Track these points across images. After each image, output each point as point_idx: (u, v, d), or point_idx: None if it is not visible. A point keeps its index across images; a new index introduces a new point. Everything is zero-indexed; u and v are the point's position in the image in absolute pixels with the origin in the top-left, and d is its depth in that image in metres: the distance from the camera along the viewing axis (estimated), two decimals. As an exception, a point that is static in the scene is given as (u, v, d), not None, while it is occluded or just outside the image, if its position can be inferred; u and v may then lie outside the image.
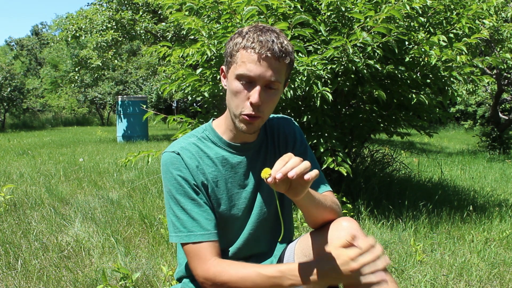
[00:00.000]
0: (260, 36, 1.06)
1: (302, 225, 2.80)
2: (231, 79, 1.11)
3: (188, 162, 1.16)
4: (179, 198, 1.14)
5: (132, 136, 9.90)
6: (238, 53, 1.08)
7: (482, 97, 15.21)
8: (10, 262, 2.25)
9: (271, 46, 1.05)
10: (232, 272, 1.06)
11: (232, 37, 1.12)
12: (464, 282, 2.13)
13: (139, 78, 20.28)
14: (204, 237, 1.11)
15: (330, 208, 1.17)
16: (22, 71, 27.65)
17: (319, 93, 2.70)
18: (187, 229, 1.12)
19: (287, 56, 1.09)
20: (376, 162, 4.25)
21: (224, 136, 1.21)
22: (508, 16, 6.57)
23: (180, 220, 1.13)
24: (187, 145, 1.19)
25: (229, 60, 1.12)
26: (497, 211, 3.41)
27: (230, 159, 1.20)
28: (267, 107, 1.10)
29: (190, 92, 3.18)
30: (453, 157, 7.73)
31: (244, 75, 1.07)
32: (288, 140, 1.28)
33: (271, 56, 1.05)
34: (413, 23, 2.98)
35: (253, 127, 1.12)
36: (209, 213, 1.15)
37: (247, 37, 1.07)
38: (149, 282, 2.05)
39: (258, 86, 1.07)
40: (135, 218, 3.02)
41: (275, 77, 1.07)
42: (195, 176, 1.16)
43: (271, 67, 1.06)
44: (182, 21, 2.97)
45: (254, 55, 1.05)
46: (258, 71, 1.05)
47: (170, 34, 8.60)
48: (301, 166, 0.93)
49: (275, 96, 1.11)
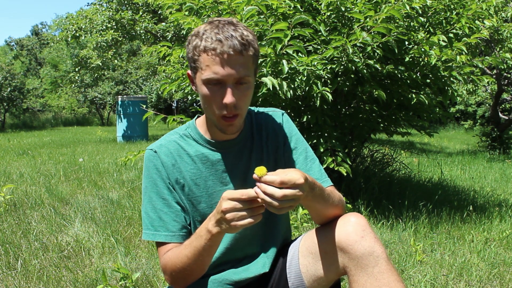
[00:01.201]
0: (218, 34, 1.02)
1: (302, 225, 2.80)
2: (199, 84, 1.07)
3: (164, 160, 1.17)
4: (152, 195, 1.16)
5: (132, 136, 9.90)
6: (200, 57, 1.04)
7: (482, 97, 15.21)
8: (10, 262, 2.25)
9: (231, 43, 1.01)
10: (171, 255, 1.11)
11: (189, 40, 1.08)
12: (464, 282, 2.13)
13: (139, 78, 20.27)
14: (167, 238, 1.14)
15: (335, 203, 1.14)
16: (22, 71, 27.66)
17: (319, 93, 2.70)
18: (154, 228, 1.15)
19: (250, 47, 1.05)
20: (376, 162, 4.25)
21: (206, 134, 1.20)
22: (508, 16, 6.57)
23: (150, 218, 1.16)
24: (167, 143, 1.19)
25: (193, 66, 1.08)
26: (497, 211, 3.41)
27: (210, 156, 1.18)
28: (242, 103, 1.08)
29: (190, 92, 3.19)
30: (453, 157, 7.73)
31: (211, 79, 1.03)
32: (278, 135, 1.24)
33: (234, 53, 1.01)
34: (413, 23, 2.98)
35: (234, 126, 1.11)
36: (178, 215, 1.16)
37: (205, 37, 1.03)
38: (149, 282, 2.05)
39: (228, 86, 1.04)
40: (135, 218, 3.02)
41: (243, 73, 1.04)
42: (170, 174, 1.16)
43: (236, 63, 1.02)
44: (182, 21, 2.97)
45: (216, 57, 1.01)
46: (224, 72, 1.02)
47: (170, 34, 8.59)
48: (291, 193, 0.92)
49: (247, 90, 1.08)
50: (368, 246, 1.03)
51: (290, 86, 2.71)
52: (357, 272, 1.03)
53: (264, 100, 2.84)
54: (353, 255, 1.04)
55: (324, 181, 1.21)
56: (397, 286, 1.01)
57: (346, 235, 1.05)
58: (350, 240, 1.04)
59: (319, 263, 1.13)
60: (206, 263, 1.09)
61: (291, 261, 1.21)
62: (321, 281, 1.14)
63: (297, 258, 1.19)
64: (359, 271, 1.03)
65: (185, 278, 1.11)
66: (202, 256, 1.05)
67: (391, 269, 1.02)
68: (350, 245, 1.04)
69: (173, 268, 1.10)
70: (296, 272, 1.18)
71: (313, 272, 1.14)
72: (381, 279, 1.01)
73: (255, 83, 1.18)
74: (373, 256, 1.02)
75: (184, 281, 1.13)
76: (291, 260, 1.21)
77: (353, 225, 1.06)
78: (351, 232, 1.05)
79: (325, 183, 1.21)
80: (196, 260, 1.06)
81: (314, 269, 1.14)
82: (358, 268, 1.03)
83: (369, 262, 1.02)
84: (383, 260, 1.02)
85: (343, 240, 1.05)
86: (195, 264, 1.07)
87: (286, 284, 1.20)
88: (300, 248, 1.20)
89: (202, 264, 1.08)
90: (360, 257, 1.03)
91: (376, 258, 1.02)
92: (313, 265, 1.14)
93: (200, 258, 1.05)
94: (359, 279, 1.03)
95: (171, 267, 1.11)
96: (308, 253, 1.16)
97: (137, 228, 2.83)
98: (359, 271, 1.03)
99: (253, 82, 1.12)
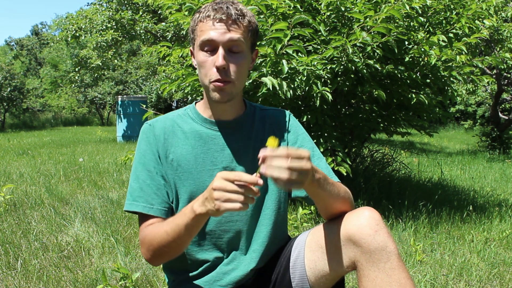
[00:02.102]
0: (215, 5, 1.09)
1: (302, 225, 2.80)
2: (197, 52, 1.12)
3: (157, 133, 1.19)
4: (138, 166, 1.17)
5: (132, 136, 9.90)
6: (197, 26, 1.11)
7: (482, 97, 15.21)
8: (10, 262, 2.25)
9: (226, 10, 1.08)
10: (151, 229, 1.10)
11: (192, 18, 1.15)
12: (464, 282, 2.13)
13: (139, 78, 20.26)
14: (145, 209, 1.13)
15: (344, 197, 1.12)
16: (22, 71, 27.64)
17: (318, 93, 2.70)
18: (133, 198, 1.15)
19: (244, 18, 1.10)
20: (376, 162, 4.26)
21: (203, 113, 1.22)
22: (508, 16, 6.57)
23: (132, 188, 1.16)
24: (164, 118, 1.22)
25: (192, 37, 1.15)
26: (497, 211, 3.42)
27: (204, 134, 1.19)
28: (234, 70, 1.10)
29: (190, 92, 3.18)
30: (453, 157, 7.73)
31: (204, 41, 1.08)
32: (283, 133, 1.25)
33: (227, 18, 1.07)
34: (412, 23, 2.98)
35: (225, 94, 1.11)
36: (159, 188, 1.15)
37: (203, 10, 1.11)
38: (149, 282, 2.05)
39: (220, 49, 1.08)
40: (135, 218, 3.02)
41: (236, 37, 1.08)
42: (160, 147, 1.18)
43: (229, 28, 1.08)
44: (181, 21, 2.97)
45: (210, 21, 1.08)
46: (216, 34, 1.07)
47: (170, 34, 8.59)
48: (295, 153, 0.91)
49: (241, 60, 1.11)
50: (381, 241, 1.01)
51: (290, 86, 2.71)
52: (368, 267, 1.02)
53: (264, 100, 2.84)
54: (366, 249, 1.02)
55: (331, 177, 1.20)
56: (407, 283, 1.00)
57: (360, 229, 1.03)
58: (364, 233, 1.02)
59: (329, 257, 1.11)
60: (184, 243, 1.06)
61: (296, 260, 1.18)
62: (328, 276, 1.12)
63: (303, 255, 1.17)
64: (370, 265, 1.02)
65: (161, 255, 1.10)
66: (181, 234, 1.02)
67: (402, 266, 1.01)
68: (363, 238, 1.02)
69: (151, 242, 1.09)
70: (300, 272, 1.17)
71: (321, 267, 1.12)
72: (392, 275, 1.00)
73: (252, 66, 1.20)
74: (386, 252, 1.01)
75: (160, 258, 1.12)
76: (295, 259, 1.19)
77: (367, 218, 1.04)
78: (365, 225, 1.03)
79: (333, 179, 1.19)
80: (174, 237, 1.04)
81: (323, 264, 1.12)
82: (369, 262, 1.02)
83: (381, 257, 1.01)
84: (395, 256, 1.01)
85: (356, 233, 1.04)
86: (173, 241, 1.05)
87: (290, 284, 1.18)
88: (308, 243, 1.17)
89: (180, 243, 1.05)
90: (373, 251, 1.01)
91: (388, 254, 1.01)
92: (322, 260, 1.12)
93: (179, 236, 1.03)
94: (370, 273, 1.02)
95: (149, 241, 1.09)
96: (317, 247, 1.14)
97: (137, 228, 2.83)
98: (370, 266, 1.02)
99: (249, 55, 1.15)
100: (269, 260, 1.25)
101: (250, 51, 1.16)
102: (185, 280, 1.23)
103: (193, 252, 1.20)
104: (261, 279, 1.23)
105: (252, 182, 0.90)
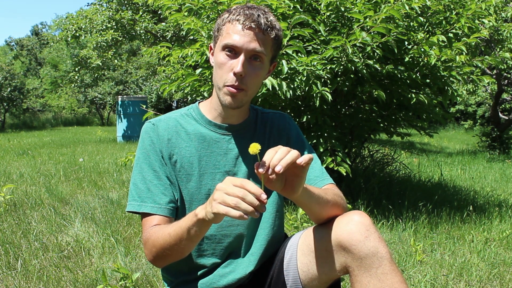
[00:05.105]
0: (246, 11, 1.08)
1: (302, 225, 2.80)
2: (217, 51, 1.12)
3: (161, 134, 1.17)
4: (143, 166, 1.16)
5: (132, 136, 9.90)
6: (224, 26, 1.10)
7: (482, 97, 15.21)
8: (10, 262, 2.25)
9: (257, 19, 1.06)
10: (155, 229, 1.09)
11: (220, 15, 1.14)
12: (464, 282, 2.13)
13: (139, 78, 20.26)
14: (153, 209, 1.12)
15: (333, 202, 1.11)
16: (22, 71, 27.64)
17: (318, 93, 2.70)
18: (141, 199, 1.13)
19: (273, 30, 1.09)
20: (376, 162, 4.26)
21: (207, 115, 1.20)
22: (508, 16, 6.57)
23: (138, 188, 1.14)
24: (167, 118, 1.21)
25: (216, 35, 1.13)
26: (497, 211, 3.42)
27: (207, 136, 1.18)
28: (251, 80, 1.09)
29: (189, 92, 3.18)
30: (453, 157, 7.73)
31: (228, 45, 1.08)
32: (281, 135, 1.26)
33: (256, 27, 1.06)
34: (412, 23, 2.98)
35: (237, 100, 1.10)
36: (167, 188, 1.14)
37: (234, 11, 1.09)
38: (149, 282, 2.05)
39: (242, 56, 1.07)
40: (135, 218, 3.02)
41: (259, 48, 1.07)
42: (164, 148, 1.16)
43: (255, 37, 1.07)
44: (181, 22, 2.97)
45: (239, 25, 1.07)
46: (242, 41, 1.06)
47: (169, 34, 8.59)
48: (290, 155, 0.90)
49: (259, 70, 1.10)
50: (372, 246, 1.00)
51: (290, 86, 2.71)
52: (360, 273, 1.01)
53: (264, 100, 2.84)
54: (357, 255, 1.01)
55: (324, 178, 1.21)
56: (401, 287, 1.00)
57: (349, 235, 1.02)
58: (354, 240, 1.01)
59: (321, 261, 1.10)
60: (186, 248, 1.04)
61: (289, 263, 1.19)
62: (321, 279, 1.12)
63: (295, 258, 1.17)
64: (362, 271, 1.01)
65: (164, 257, 1.08)
66: (183, 237, 1.00)
67: (395, 270, 1.01)
68: (353, 245, 1.01)
69: (154, 243, 1.08)
70: (293, 274, 1.17)
71: (313, 271, 1.12)
72: (385, 280, 0.99)
73: (267, 77, 1.20)
74: (377, 257, 1.00)
75: (162, 260, 1.10)
76: (288, 261, 1.19)
77: (357, 224, 1.03)
78: (354, 231, 1.02)
79: (326, 180, 1.21)
80: (177, 240, 1.02)
81: (314, 268, 1.12)
82: (361, 268, 1.01)
83: (372, 263, 1.00)
84: (387, 261, 1.00)
85: (346, 239, 1.02)
86: (175, 244, 1.03)
87: (285, 285, 1.18)
88: (300, 247, 1.16)
89: (182, 247, 1.03)
90: (364, 257, 1.00)
91: (380, 259, 1.00)
92: (314, 264, 1.12)
93: (181, 239, 1.01)
94: (362, 279, 1.01)
95: (153, 242, 1.08)
96: (309, 251, 1.13)
97: (137, 228, 2.83)
98: (362, 272, 1.01)
99: (267, 66, 1.15)
100: (265, 261, 1.25)
101: (270, 63, 1.16)
102: (183, 282, 1.23)
103: (192, 256, 1.20)
104: (256, 280, 1.24)
105: (255, 193, 0.87)
